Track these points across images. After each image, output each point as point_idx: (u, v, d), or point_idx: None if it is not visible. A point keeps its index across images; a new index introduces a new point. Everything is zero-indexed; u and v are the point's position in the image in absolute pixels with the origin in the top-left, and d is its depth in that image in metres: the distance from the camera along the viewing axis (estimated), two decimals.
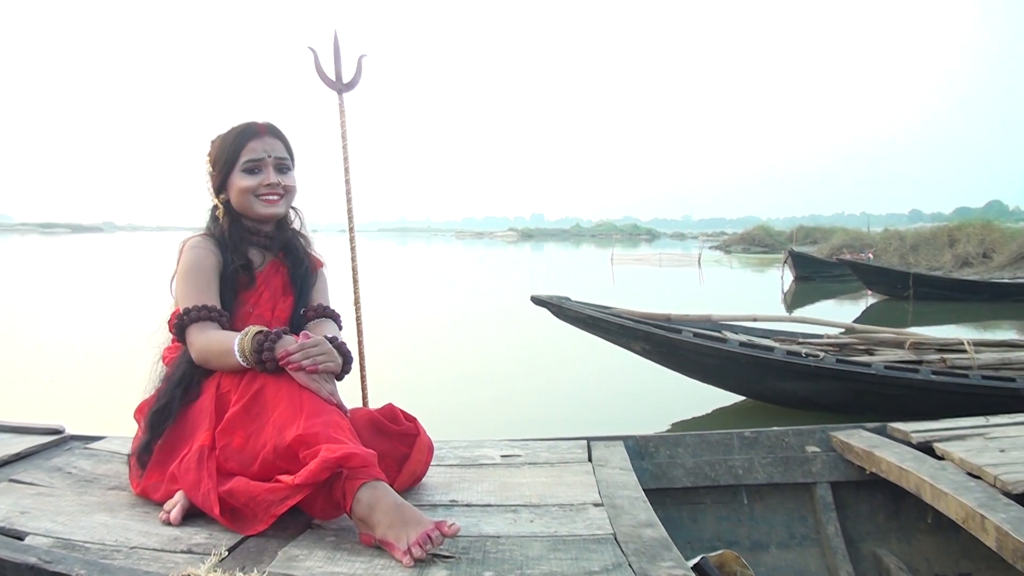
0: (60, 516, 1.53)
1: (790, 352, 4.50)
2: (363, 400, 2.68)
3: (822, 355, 4.42)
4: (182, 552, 1.39)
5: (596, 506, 1.70)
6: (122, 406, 1.85)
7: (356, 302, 2.76)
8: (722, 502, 2.32)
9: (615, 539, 1.50)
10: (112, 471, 1.88)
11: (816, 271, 17.60)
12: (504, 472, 1.98)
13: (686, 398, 5.19)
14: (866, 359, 4.56)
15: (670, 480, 2.28)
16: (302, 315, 1.88)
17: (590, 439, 2.25)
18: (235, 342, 1.61)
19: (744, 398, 5.08)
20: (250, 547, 1.43)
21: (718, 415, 5.01)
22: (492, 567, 1.35)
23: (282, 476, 1.48)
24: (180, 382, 1.68)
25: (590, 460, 2.08)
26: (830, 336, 5.17)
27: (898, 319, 10.80)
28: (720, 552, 1.74)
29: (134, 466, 1.69)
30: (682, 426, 4.79)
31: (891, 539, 2.28)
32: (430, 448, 1.84)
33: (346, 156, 2.69)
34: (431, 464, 1.86)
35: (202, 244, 1.80)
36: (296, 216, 1.96)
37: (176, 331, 1.72)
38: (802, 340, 5.05)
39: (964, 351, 4.54)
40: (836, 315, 11.24)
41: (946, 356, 4.50)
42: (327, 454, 1.41)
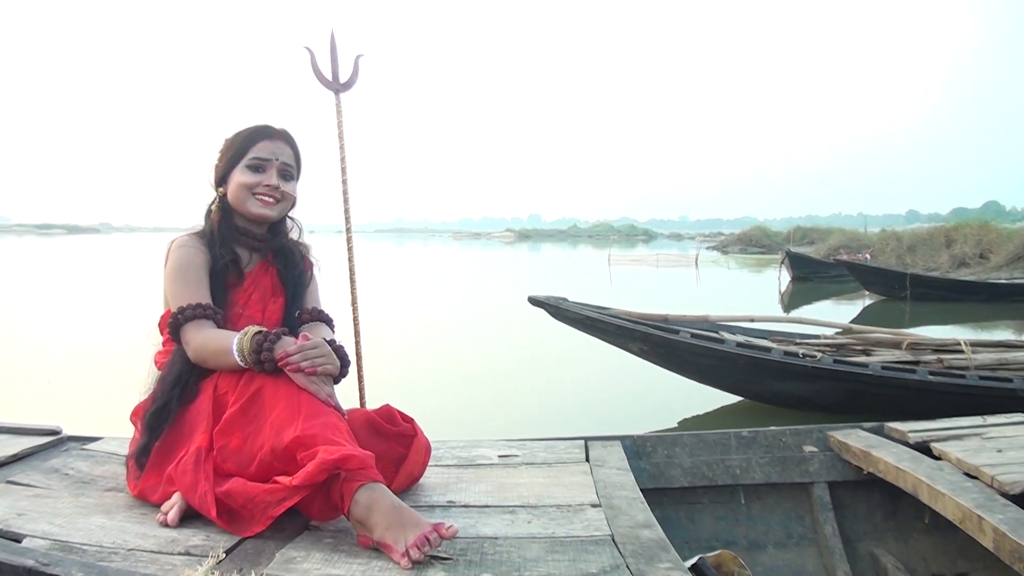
0: (57, 518, 1.53)
1: (787, 352, 4.50)
2: (360, 401, 2.67)
3: (819, 355, 4.42)
4: (179, 554, 1.39)
5: (594, 507, 1.70)
6: (119, 407, 1.85)
7: (353, 303, 2.75)
8: (719, 502, 2.33)
9: (613, 540, 1.50)
10: (109, 472, 1.88)
11: (813, 272, 17.61)
12: (502, 472, 1.98)
13: (683, 399, 5.19)
14: (863, 359, 4.56)
15: (667, 480, 2.28)
16: (296, 317, 1.88)
17: (587, 439, 2.25)
18: (234, 342, 1.61)
19: (741, 398, 5.08)
20: (248, 549, 1.43)
21: (715, 415, 5.01)
22: (490, 569, 1.35)
23: (280, 477, 1.48)
24: (176, 382, 1.68)
25: (587, 460, 2.08)
26: (827, 336, 5.17)
27: (895, 319, 10.81)
28: (718, 552, 1.74)
29: (132, 468, 1.69)
30: (679, 427, 4.79)
31: (888, 539, 2.28)
32: (427, 449, 1.84)
33: (343, 156, 2.68)
34: (429, 464, 1.87)
35: (190, 243, 1.80)
36: (294, 226, 1.96)
37: (170, 331, 1.71)
38: (799, 340, 5.06)
39: (961, 351, 4.55)
40: (833, 316, 11.24)
41: (943, 356, 4.50)
42: (325, 456, 1.41)
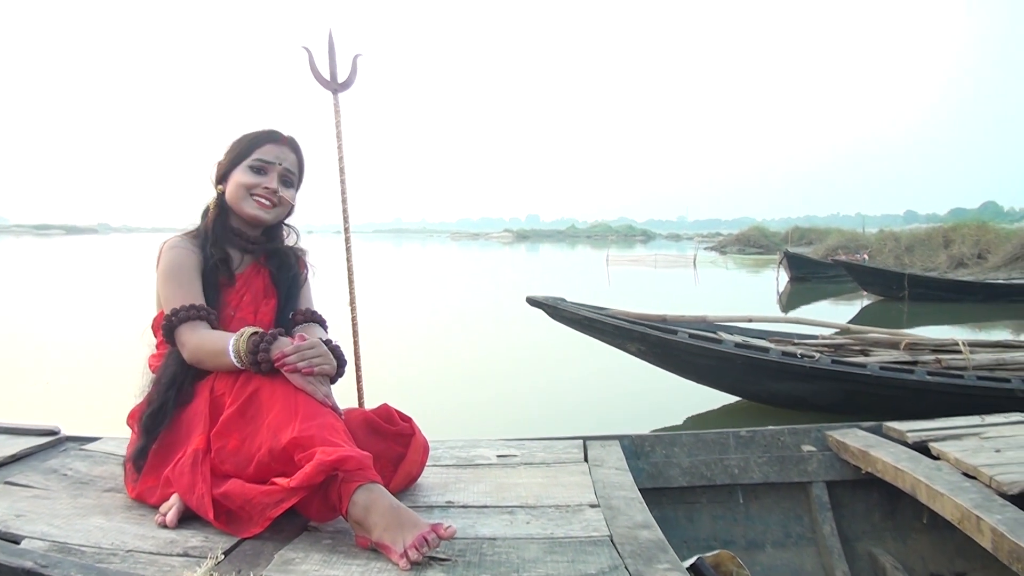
0: (56, 519, 1.53)
1: (785, 353, 4.49)
2: (359, 400, 2.67)
3: (817, 356, 4.42)
4: (178, 555, 1.39)
5: (592, 507, 1.70)
6: (118, 407, 1.85)
7: (352, 303, 2.75)
8: (718, 501, 2.33)
9: (611, 541, 1.50)
10: (107, 473, 1.87)
11: (811, 272, 17.62)
12: (500, 472, 1.98)
13: (682, 399, 5.19)
14: (861, 360, 4.57)
15: (666, 479, 2.28)
16: (290, 319, 1.88)
17: (586, 438, 2.25)
18: (230, 343, 1.60)
19: (739, 399, 5.08)
20: (246, 550, 1.43)
21: (713, 416, 5.00)
22: (488, 570, 1.35)
23: (277, 479, 1.48)
24: (171, 384, 1.67)
25: (586, 460, 2.08)
26: (825, 337, 5.17)
27: (893, 320, 10.82)
28: (716, 552, 1.74)
29: (129, 471, 1.68)
30: (677, 427, 4.79)
31: (887, 538, 2.28)
32: (426, 448, 1.84)
33: (341, 157, 2.68)
34: (427, 464, 1.87)
35: (181, 243, 1.79)
36: (291, 233, 1.96)
37: (165, 332, 1.70)
38: (797, 341, 5.06)
39: (959, 352, 4.56)
40: (831, 316, 11.25)
41: (941, 357, 4.51)
42: (322, 457, 1.41)
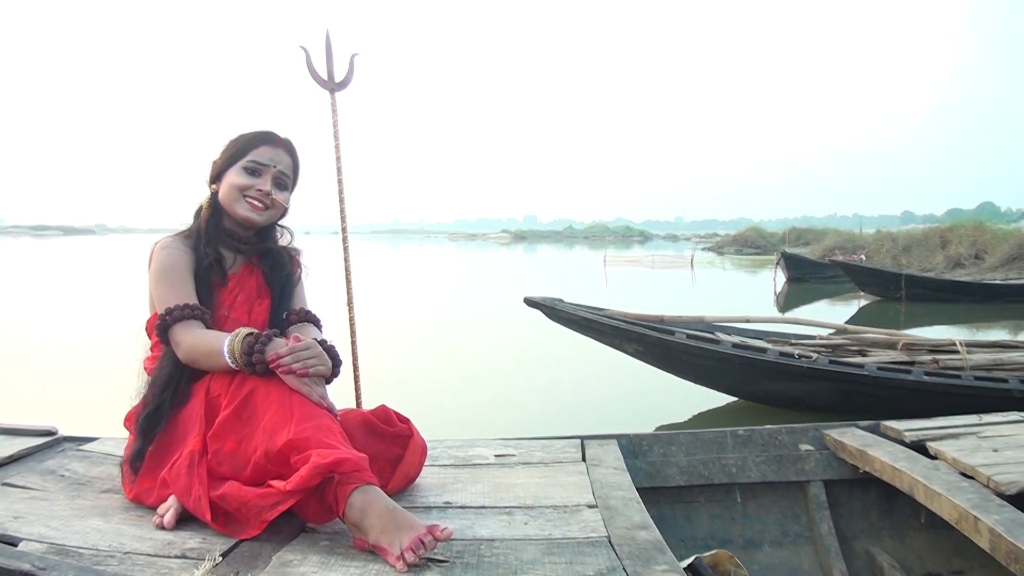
0: (54, 521, 1.52)
1: (783, 353, 4.50)
2: (357, 401, 2.67)
3: (815, 356, 4.43)
4: (176, 557, 1.39)
5: (590, 507, 1.70)
6: (116, 407, 1.84)
7: (349, 303, 2.75)
8: (716, 500, 2.33)
9: (609, 542, 1.50)
10: (105, 473, 1.87)
11: (808, 272, 17.65)
12: (498, 472, 1.98)
13: (679, 399, 5.19)
14: (859, 360, 4.58)
15: (664, 479, 2.28)
16: (284, 319, 1.87)
17: (584, 438, 2.25)
18: (224, 344, 1.59)
19: (737, 399, 5.09)
20: (244, 552, 1.42)
21: (711, 416, 5.01)
22: (486, 571, 1.35)
23: (274, 481, 1.47)
24: (167, 385, 1.66)
25: (584, 459, 2.08)
26: (823, 337, 5.18)
27: (890, 320, 10.84)
28: (714, 552, 1.74)
29: (127, 473, 1.68)
30: (675, 427, 4.79)
31: (884, 537, 2.29)
32: (423, 449, 1.84)
33: (338, 156, 2.68)
34: (425, 465, 1.86)
35: (173, 244, 1.78)
36: (284, 233, 1.96)
37: (159, 332, 1.69)
38: (795, 341, 5.07)
39: (956, 352, 4.57)
40: (828, 316, 11.26)
41: (938, 357, 4.52)
42: (318, 459, 1.40)
